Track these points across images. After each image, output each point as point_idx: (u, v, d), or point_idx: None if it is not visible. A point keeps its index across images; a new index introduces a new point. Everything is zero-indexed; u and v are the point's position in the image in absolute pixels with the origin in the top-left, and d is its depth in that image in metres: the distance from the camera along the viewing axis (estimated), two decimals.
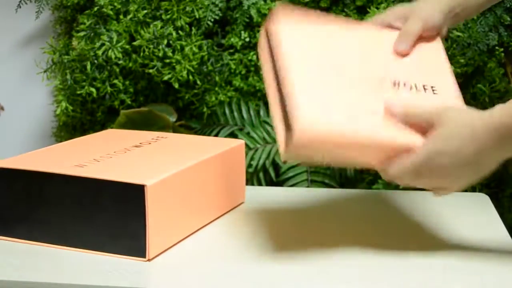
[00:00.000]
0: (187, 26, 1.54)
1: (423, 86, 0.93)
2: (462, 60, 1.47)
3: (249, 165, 1.50)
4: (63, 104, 1.56)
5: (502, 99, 1.51)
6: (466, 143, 0.83)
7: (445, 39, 1.48)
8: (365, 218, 1.07)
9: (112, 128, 1.57)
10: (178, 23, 1.54)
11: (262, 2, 1.55)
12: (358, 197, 1.19)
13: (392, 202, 1.13)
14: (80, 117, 1.65)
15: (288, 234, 1.00)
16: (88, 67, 1.53)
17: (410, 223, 1.04)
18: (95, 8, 1.54)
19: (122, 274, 0.86)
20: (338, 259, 0.91)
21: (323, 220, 1.07)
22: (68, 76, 1.55)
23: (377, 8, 1.50)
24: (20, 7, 1.63)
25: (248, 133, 1.55)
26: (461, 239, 0.98)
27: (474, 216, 1.08)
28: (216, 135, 1.56)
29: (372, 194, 1.20)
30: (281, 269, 0.88)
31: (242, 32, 1.57)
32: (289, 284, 0.84)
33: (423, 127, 0.86)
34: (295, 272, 0.87)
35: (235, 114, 1.58)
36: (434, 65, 0.97)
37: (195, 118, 1.63)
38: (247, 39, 1.57)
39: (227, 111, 1.59)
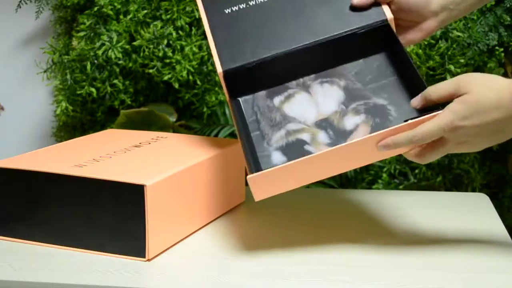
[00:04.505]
0: (187, 26, 1.54)
1: None
2: (462, 60, 1.47)
3: None
4: (63, 104, 1.56)
5: None
6: (491, 110, 0.84)
7: (445, 39, 1.48)
8: (365, 218, 1.07)
9: (112, 128, 1.57)
10: (178, 23, 1.54)
11: None
12: (358, 197, 1.19)
13: (392, 202, 1.13)
14: (80, 117, 1.64)
15: (288, 234, 1.00)
16: (88, 67, 1.53)
17: (410, 223, 1.04)
18: (95, 8, 1.54)
19: (122, 274, 0.86)
20: (338, 259, 0.91)
21: (323, 220, 1.07)
22: (68, 76, 1.55)
23: None
24: (20, 7, 1.63)
25: None
26: (461, 239, 0.98)
27: (474, 216, 1.08)
28: (216, 135, 1.56)
29: (372, 194, 1.19)
30: (281, 268, 0.88)
31: None
32: (288, 284, 0.84)
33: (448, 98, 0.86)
34: (295, 271, 0.87)
35: None
36: None
37: (195, 118, 1.63)
38: None
39: (227, 111, 1.59)
